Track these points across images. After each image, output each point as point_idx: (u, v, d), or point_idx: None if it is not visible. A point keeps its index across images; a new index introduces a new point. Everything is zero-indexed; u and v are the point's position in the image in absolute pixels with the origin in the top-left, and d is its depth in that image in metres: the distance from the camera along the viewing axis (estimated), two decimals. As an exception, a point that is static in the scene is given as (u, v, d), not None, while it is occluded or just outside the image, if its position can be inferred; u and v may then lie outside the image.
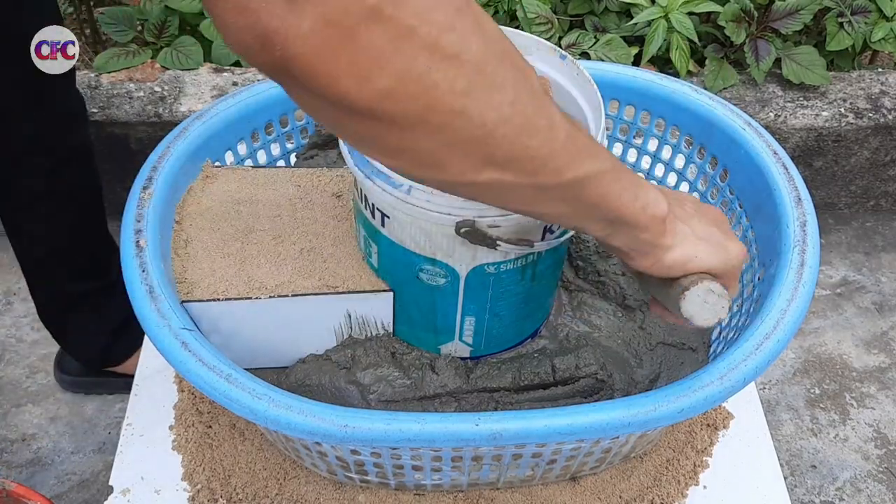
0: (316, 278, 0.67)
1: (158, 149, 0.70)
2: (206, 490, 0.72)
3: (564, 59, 0.66)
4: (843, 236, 1.61)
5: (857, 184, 1.58)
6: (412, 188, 0.56)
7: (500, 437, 0.54)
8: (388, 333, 0.72)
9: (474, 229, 0.56)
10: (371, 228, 0.64)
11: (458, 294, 0.65)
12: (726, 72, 1.45)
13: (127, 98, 1.36)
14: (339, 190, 0.74)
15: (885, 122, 1.45)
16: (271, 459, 0.74)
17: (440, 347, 0.72)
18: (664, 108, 0.78)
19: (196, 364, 0.56)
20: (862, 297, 1.50)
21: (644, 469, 0.75)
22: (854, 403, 1.33)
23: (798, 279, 0.62)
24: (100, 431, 1.22)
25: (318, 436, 0.54)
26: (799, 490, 1.22)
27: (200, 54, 1.44)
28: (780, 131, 1.43)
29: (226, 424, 0.76)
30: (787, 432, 1.29)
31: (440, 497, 0.72)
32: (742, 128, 0.73)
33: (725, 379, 0.57)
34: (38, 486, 1.15)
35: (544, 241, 0.61)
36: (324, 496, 0.72)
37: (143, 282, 0.60)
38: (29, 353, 1.32)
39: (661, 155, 0.83)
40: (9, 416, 1.24)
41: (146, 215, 0.64)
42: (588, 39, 1.45)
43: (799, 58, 1.46)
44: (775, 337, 0.59)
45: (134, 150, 1.38)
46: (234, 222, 0.70)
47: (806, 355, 1.40)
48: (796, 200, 0.67)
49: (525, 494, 0.73)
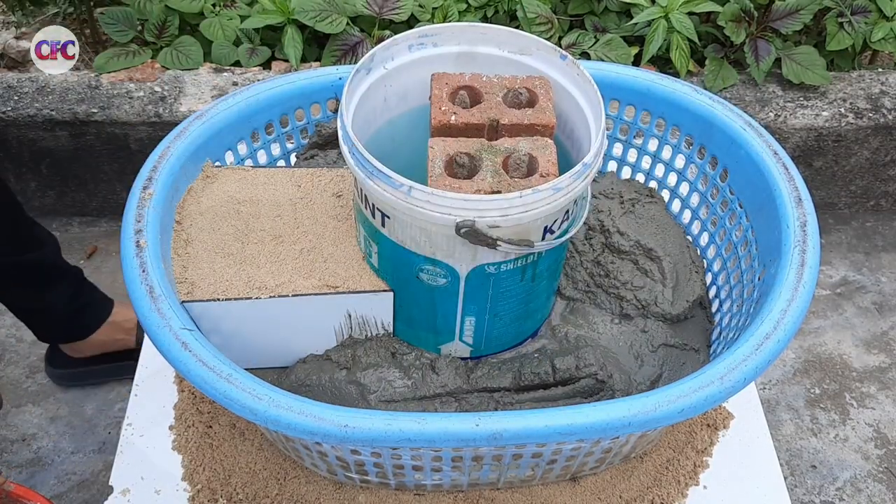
0: (316, 278, 0.67)
1: (158, 149, 0.70)
2: (206, 490, 0.72)
3: (564, 59, 0.66)
4: (843, 236, 1.61)
5: (857, 184, 1.57)
6: (412, 188, 0.56)
7: (501, 437, 0.54)
8: (388, 333, 0.72)
9: (474, 229, 0.56)
10: (371, 228, 0.64)
11: (459, 294, 0.65)
12: (726, 72, 1.45)
13: (127, 98, 1.36)
14: (339, 190, 0.74)
15: (885, 122, 1.45)
16: (271, 459, 0.74)
17: (440, 347, 0.72)
18: (664, 108, 0.78)
19: (196, 364, 0.56)
20: (862, 297, 1.50)
21: (644, 469, 0.75)
22: (854, 403, 1.33)
23: (798, 279, 0.62)
24: (100, 431, 1.22)
25: (318, 436, 0.54)
26: (799, 490, 1.21)
27: (200, 54, 1.44)
28: (780, 131, 1.43)
29: (226, 424, 0.76)
30: (787, 432, 1.29)
31: (440, 497, 0.72)
32: (742, 128, 0.73)
33: (726, 379, 0.57)
34: (38, 486, 1.15)
35: (544, 242, 0.61)
36: (324, 496, 0.72)
37: (143, 282, 0.60)
38: (29, 353, 1.32)
39: (662, 155, 0.83)
40: (9, 416, 1.24)
41: (146, 215, 0.64)
42: (588, 39, 1.45)
43: (799, 58, 1.46)
44: (775, 337, 0.59)
45: (134, 150, 1.38)
46: (235, 222, 0.70)
47: (806, 355, 1.40)
48: (796, 200, 0.67)
49: (525, 494, 0.73)
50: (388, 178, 0.56)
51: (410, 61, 0.67)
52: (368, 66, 0.65)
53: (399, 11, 1.41)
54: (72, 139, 1.35)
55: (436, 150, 0.61)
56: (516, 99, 0.65)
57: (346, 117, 0.61)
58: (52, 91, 1.33)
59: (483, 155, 0.61)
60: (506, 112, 0.64)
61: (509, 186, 0.59)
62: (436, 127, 0.63)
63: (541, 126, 0.63)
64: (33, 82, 1.34)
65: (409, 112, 0.71)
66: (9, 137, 1.34)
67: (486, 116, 0.63)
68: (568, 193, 0.58)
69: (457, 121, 0.63)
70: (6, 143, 1.35)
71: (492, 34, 0.67)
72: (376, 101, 0.68)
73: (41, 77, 1.35)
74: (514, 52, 0.68)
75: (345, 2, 1.41)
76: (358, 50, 1.39)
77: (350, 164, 0.59)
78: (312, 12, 1.38)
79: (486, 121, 0.63)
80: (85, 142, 1.35)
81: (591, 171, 0.59)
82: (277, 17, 1.40)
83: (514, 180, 0.59)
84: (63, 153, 1.37)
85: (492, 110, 0.64)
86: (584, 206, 0.66)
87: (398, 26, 1.45)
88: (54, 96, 1.32)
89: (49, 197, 1.46)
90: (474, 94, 0.65)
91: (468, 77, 0.66)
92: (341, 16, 1.40)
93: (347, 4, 1.41)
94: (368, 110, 0.67)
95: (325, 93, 0.79)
